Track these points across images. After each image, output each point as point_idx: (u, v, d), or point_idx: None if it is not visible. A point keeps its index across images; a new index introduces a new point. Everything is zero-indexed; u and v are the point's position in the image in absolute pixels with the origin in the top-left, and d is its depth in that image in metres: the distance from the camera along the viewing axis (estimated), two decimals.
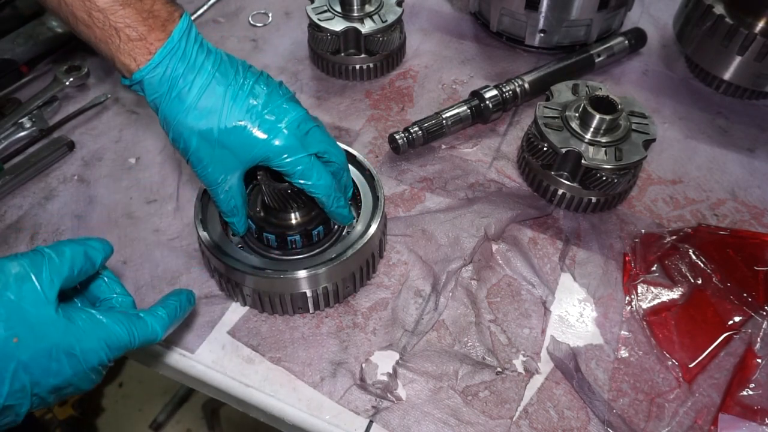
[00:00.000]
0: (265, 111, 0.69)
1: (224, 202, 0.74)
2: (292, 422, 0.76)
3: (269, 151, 0.69)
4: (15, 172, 1.00)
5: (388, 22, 1.13)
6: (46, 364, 0.53)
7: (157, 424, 2.13)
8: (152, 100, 0.68)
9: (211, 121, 0.67)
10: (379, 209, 0.82)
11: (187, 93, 0.66)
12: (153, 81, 0.66)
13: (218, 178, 0.71)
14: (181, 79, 0.66)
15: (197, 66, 0.67)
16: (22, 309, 0.52)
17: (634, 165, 0.89)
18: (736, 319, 0.83)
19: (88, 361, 0.56)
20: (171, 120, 0.68)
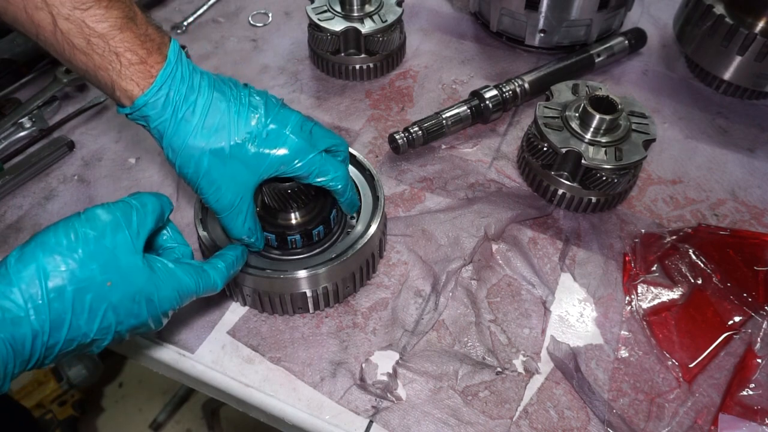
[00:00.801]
0: (268, 121, 0.69)
1: (240, 227, 0.72)
2: (292, 422, 0.76)
3: (281, 160, 0.69)
4: (15, 172, 1.00)
5: (388, 22, 1.13)
6: (130, 307, 0.58)
7: (157, 424, 2.13)
8: (155, 127, 0.66)
9: (220, 138, 0.67)
10: (379, 209, 0.82)
11: (192, 114, 0.66)
12: (157, 104, 0.65)
13: (233, 200, 0.70)
14: (184, 101, 0.66)
15: (196, 86, 0.67)
16: (115, 256, 0.57)
17: (634, 165, 0.89)
18: (736, 319, 0.83)
19: (163, 307, 0.61)
20: (178, 145, 0.66)
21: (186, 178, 0.69)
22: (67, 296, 0.53)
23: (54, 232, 0.55)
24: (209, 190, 0.69)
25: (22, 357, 0.52)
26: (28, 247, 0.54)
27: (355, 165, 0.89)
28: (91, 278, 0.55)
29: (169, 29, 1.32)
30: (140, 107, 0.65)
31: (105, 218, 0.57)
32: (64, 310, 0.53)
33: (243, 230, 0.73)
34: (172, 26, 1.32)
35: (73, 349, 0.56)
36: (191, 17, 1.35)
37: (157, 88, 0.64)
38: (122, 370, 2.29)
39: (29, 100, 1.11)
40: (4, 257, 0.54)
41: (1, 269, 0.52)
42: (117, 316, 0.57)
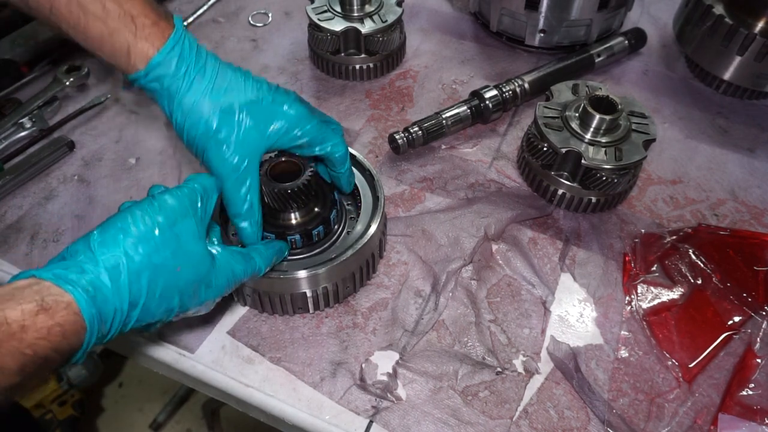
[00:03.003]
0: (271, 89, 0.74)
1: (242, 198, 0.72)
2: (292, 422, 0.76)
3: (288, 120, 0.72)
4: (15, 172, 1.00)
5: (388, 22, 1.13)
6: (192, 292, 0.62)
7: (157, 424, 2.13)
8: (167, 87, 0.69)
9: (230, 98, 0.70)
10: (379, 209, 0.82)
11: (202, 76, 0.70)
12: (171, 64, 0.68)
13: (240, 163, 0.71)
14: (195, 63, 0.70)
15: (203, 54, 0.71)
16: (184, 243, 0.61)
17: (634, 165, 0.89)
18: (736, 319, 0.83)
19: (218, 292, 0.65)
20: (189, 104, 0.69)
21: (194, 141, 0.71)
22: (143, 280, 0.57)
23: (132, 219, 0.58)
24: (218, 150, 0.70)
25: (101, 333, 0.55)
26: (110, 232, 0.57)
27: (355, 165, 0.89)
28: (165, 264, 0.58)
29: None
30: (155, 67, 0.68)
31: (175, 206, 0.61)
32: (140, 292, 0.57)
33: (244, 203, 0.72)
34: None
35: (136, 328, 0.60)
36: (191, 17, 1.35)
37: (170, 47, 0.68)
38: (122, 370, 2.29)
39: (29, 100, 1.11)
40: (86, 236, 0.57)
41: (86, 250, 0.56)
42: (181, 299, 0.61)
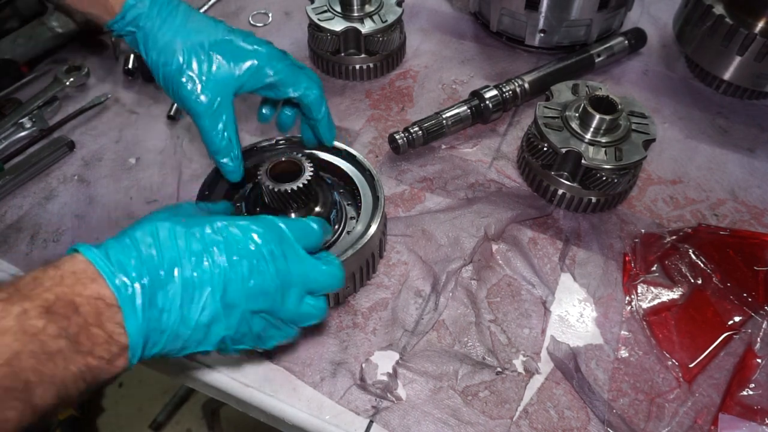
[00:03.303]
0: (242, 32, 0.77)
1: (220, 135, 0.75)
2: (292, 422, 0.76)
3: (259, 58, 0.75)
4: (15, 172, 1.00)
5: (388, 22, 1.13)
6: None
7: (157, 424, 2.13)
8: (143, 26, 0.73)
9: (201, 36, 0.74)
10: (379, 209, 0.82)
11: (174, 16, 0.74)
12: (145, 3, 0.73)
13: (213, 99, 0.73)
14: (167, 3, 0.74)
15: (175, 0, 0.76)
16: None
17: (634, 165, 0.89)
18: (736, 319, 0.83)
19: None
20: (163, 42, 0.73)
21: (169, 79, 0.74)
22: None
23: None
24: (192, 87, 0.73)
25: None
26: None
27: (355, 165, 0.89)
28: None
29: None
30: (131, 7, 0.72)
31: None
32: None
33: (223, 139, 0.75)
34: None
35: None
36: None
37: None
38: None
39: (29, 100, 1.11)
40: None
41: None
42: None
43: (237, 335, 0.58)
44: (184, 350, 0.56)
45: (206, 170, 0.90)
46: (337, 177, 0.90)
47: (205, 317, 0.55)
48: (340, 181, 0.90)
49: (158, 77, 0.75)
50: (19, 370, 0.44)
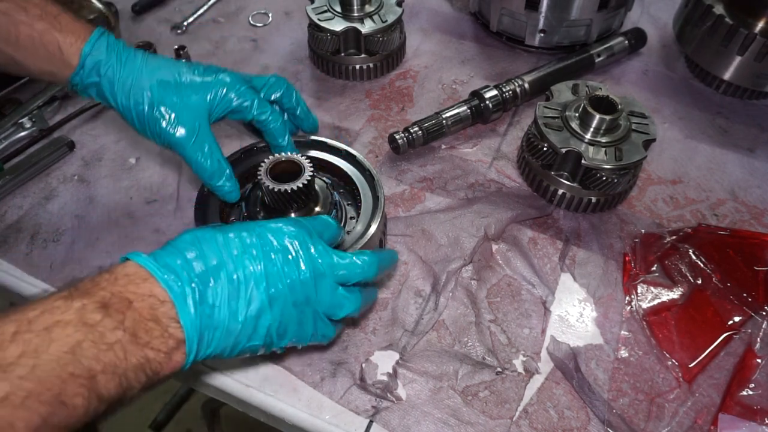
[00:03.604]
0: (201, 64, 0.80)
1: (209, 159, 0.76)
2: (292, 422, 0.76)
3: (225, 85, 0.77)
4: (15, 172, 1.00)
5: (388, 22, 1.13)
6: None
7: (157, 424, 2.13)
8: (105, 74, 0.73)
9: (164, 73, 0.76)
10: (379, 209, 0.82)
11: (133, 59, 0.75)
12: (101, 50, 0.74)
13: (192, 125, 0.75)
14: (124, 49, 0.76)
15: (130, 46, 0.77)
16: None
17: (634, 165, 0.89)
18: (736, 319, 0.83)
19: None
20: (129, 84, 0.74)
21: (144, 120, 0.75)
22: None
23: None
24: (167, 120, 0.74)
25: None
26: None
27: (355, 165, 0.89)
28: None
29: (169, 29, 1.32)
30: (88, 55, 0.73)
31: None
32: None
33: (213, 162, 0.77)
34: (172, 26, 1.32)
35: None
36: (191, 17, 1.35)
37: (97, 36, 0.74)
38: None
39: (29, 100, 1.11)
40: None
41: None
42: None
43: (281, 327, 0.62)
44: (236, 347, 0.60)
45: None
46: (337, 177, 0.90)
47: (253, 310, 0.59)
48: (340, 181, 0.90)
49: (132, 120, 0.76)
50: (82, 358, 0.47)
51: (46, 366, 0.45)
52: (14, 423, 0.43)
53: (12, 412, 0.43)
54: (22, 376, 0.44)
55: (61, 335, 0.47)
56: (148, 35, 1.29)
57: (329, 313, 0.67)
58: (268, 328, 0.61)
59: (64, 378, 0.46)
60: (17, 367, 0.44)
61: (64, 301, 0.50)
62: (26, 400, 0.44)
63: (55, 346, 0.46)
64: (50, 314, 0.48)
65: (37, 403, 0.44)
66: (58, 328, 0.48)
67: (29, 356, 0.45)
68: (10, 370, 0.44)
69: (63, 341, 0.47)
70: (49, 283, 0.87)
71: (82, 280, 0.54)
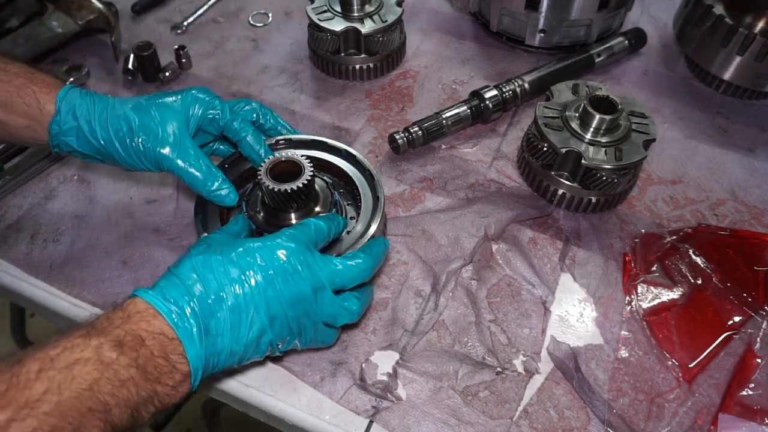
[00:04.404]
0: (171, 91, 0.82)
1: (195, 163, 0.77)
2: (292, 422, 0.76)
3: (195, 97, 0.80)
4: (15, 172, 1.00)
5: (388, 22, 1.13)
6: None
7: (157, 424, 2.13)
8: (82, 116, 0.76)
9: (135, 101, 0.79)
10: (379, 209, 0.82)
11: (105, 99, 0.79)
12: (75, 95, 0.77)
13: (174, 137, 0.76)
14: (96, 95, 0.79)
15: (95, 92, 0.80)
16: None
17: (634, 165, 0.89)
18: (736, 319, 0.83)
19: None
20: (105, 117, 0.77)
21: (124, 144, 0.76)
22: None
23: None
24: (148, 138, 0.76)
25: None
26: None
27: (355, 165, 0.89)
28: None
29: (169, 29, 1.32)
30: (63, 99, 0.76)
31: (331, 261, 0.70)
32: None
33: (201, 167, 0.77)
34: (172, 26, 1.32)
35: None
36: (191, 17, 1.35)
37: (69, 87, 0.78)
38: None
39: None
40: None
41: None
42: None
43: (282, 340, 0.66)
44: (240, 363, 0.65)
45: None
46: (337, 177, 0.90)
47: (254, 333, 0.63)
48: (340, 181, 0.90)
49: (116, 151, 0.77)
50: (98, 394, 0.52)
51: (67, 402, 0.50)
52: None
53: None
54: (47, 412, 0.48)
55: (81, 373, 0.51)
56: (148, 35, 1.29)
57: (329, 322, 0.70)
58: (269, 344, 0.65)
59: (83, 412, 0.50)
60: (43, 403, 0.48)
61: (82, 339, 0.54)
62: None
63: (75, 383, 0.51)
64: (71, 352, 0.52)
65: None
66: (79, 366, 0.52)
67: (53, 393, 0.49)
68: (37, 406, 0.48)
69: (83, 378, 0.51)
70: (49, 283, 0.87)
71: (99, 317, 0.59)
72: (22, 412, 0.47)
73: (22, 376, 0.49)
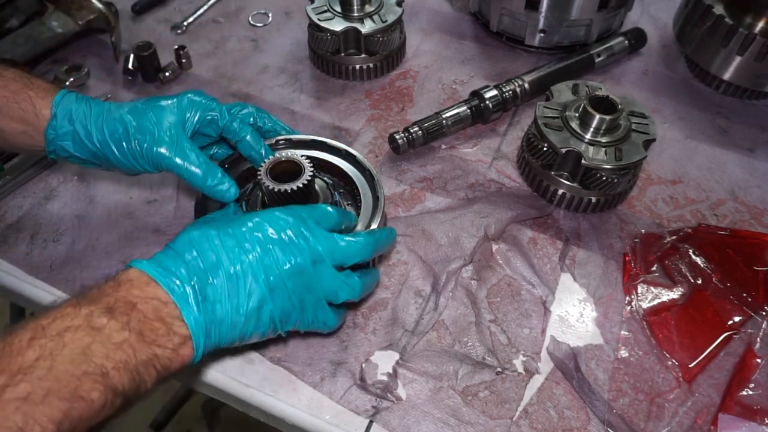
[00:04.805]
0: (165, 95, 0.82)
1: (195, 161, 0.77)
2: (292, 422, 0.76)
3: (192, 101, 0.80)
4: (15, 172, 1.00)
5: (388, 22, 1.13)
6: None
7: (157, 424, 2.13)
8: (79, 120, 0.76)
9: (131, 104, 0.79)
10: (379, 209, 0.82)
11: (101, 103, 0.79)
12: (71, 99, 0.77)
13: (172, 136, 0.77)
14: (92, 99, 0.79)
15: (91, 98, 0.80)
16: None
17: (634, 165, 0.89)
18: (736, 319, 0.83)
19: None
20: (101, 121, 0.76)
21: (121, 147, 0.76)
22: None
23: None
24: (144, 138, 0.76)
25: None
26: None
27: (355, 165, 0.89)
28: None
29: (169, 29, 1.32)
30: (59, 103, 0.76)
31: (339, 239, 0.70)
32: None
33: (202, 165, 0.78)
34: (172, 26, 1.32)
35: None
36: (191, 17, 1.35)
37: (65, 92, 0.78)
38: None
39: None
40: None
41: None
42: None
43: (283, 315, 0.65)
44: (243, 337, 0.63)
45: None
46: (337, 177, 0.90)
47: (254, 302, 0.62)
48: (340, 181, 0.90)
49: (113, 153, 0.77)
50: (93, 357, 0.52)
51: (61, 366, 0.50)
52: (38, 418, 0.47)
53: (35, 409, 0.47)
54: (41, 377, 0.49)
55: (73, 339, 0.52)
56: (147, 35, 1.29)
57: (330, 298, 0.69)
58: (270, 316, 0.64)
59: (79, 376, 0.50)
60: (36, 369, 0.49)
61: (73, 309, 0.54)
62: (46, 398, 0.48)
63: (68, 349, 0.51)
64: (61, 321, 0.53)
65: (57, 399, 0.48)
66: (69, 333, 0.52)
67: (45, 359, 0.50)
68: (30, 372, 0.48)
69: (75, 344, 0.51)
70: (48, 283, 0.87)
71: (90, 288, 0.59)
72: (16, 378, 0.48)
73: (14, 345, 0.50)
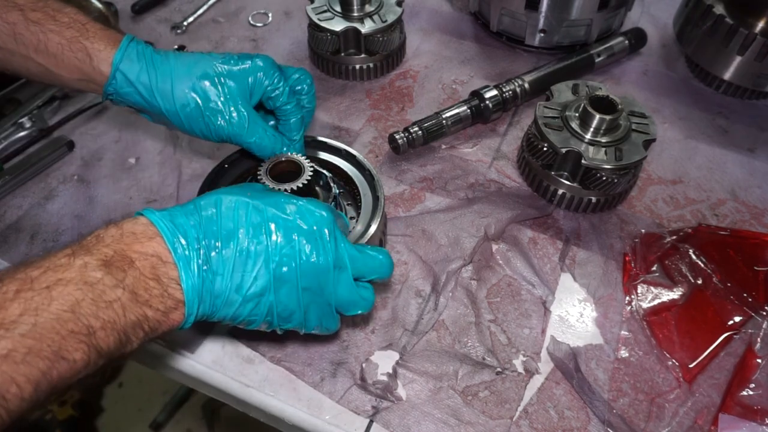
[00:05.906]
0: (235, 54, 0.78)
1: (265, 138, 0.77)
2: (292, 422, 0.76)
3: (260, 69, 0.77)
4: (15, 172, 1.00)
5: (388, 22, 1.13)
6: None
7: (157, 424, 2.13)
8: (140, 80, 0.72)
9: (202, 67, 0.74)
10: (379, 209, 0.82)
11: (166, 60, 0.74)
12: (133, 57, 0.72)
13: (243, 111, 0.75)
14: (155, 52, 0.74)
15: (154, 50, 0.75)
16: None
17: (634, 165, 0.89)
18: (736, 319, 0.83)
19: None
20: (169, 86, 0.72)
21: (193, 119, 0.74)
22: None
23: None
24: (217, 114, 0.74)
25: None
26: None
27: (355, 165, 0.89)
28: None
29: (168, 29, 1.32)
30: (120, 62, 0.72)
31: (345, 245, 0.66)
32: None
33: (271, 140, 0.78)
34: (172, 26, 1.32)
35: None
36: (191, 17, 1.35)
37: (126, 44, 0.73)
38: (122, 370, 2.29)
39: (29, 100, 1.11)
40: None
41: None
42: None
43: (286, 311, 0.61)
44: (236, 318, 0.60)
45: (206, 170, 0.90)
46: (337, 177, 0.90)
47: (257, 288, 0.58)
48: (340, 181, 0.90)
49: (181, 123, 0.75)
50: (81, 316, 0.48)
51: (46, 324, 0.47)
52: (16, 378, 0.44)
53: (14, 368, 0.44)
54: (24, 333, 0.46)
55: (62, 294, 0.48)
56: (147, 35, 1.29)
57: (342, 309, 0.66)
58: (270, 309, 0.60)
59: (64, 335, 0.47)
60: (19, 325, 0.46)
61: (67, 259, 0.51)
62: (27, 356, 0.45)
63: (55, 304, 0.48)
64: (53, 272, 0.49)
65: (38, 358, 0.46)
66: (59, 287, 0.49)
67: (30, 314, 0.46)
68: (12, 328, 0.45)
69: (63, 300, 0.48)
70: None
71: (89, 234, 0.55)
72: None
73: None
